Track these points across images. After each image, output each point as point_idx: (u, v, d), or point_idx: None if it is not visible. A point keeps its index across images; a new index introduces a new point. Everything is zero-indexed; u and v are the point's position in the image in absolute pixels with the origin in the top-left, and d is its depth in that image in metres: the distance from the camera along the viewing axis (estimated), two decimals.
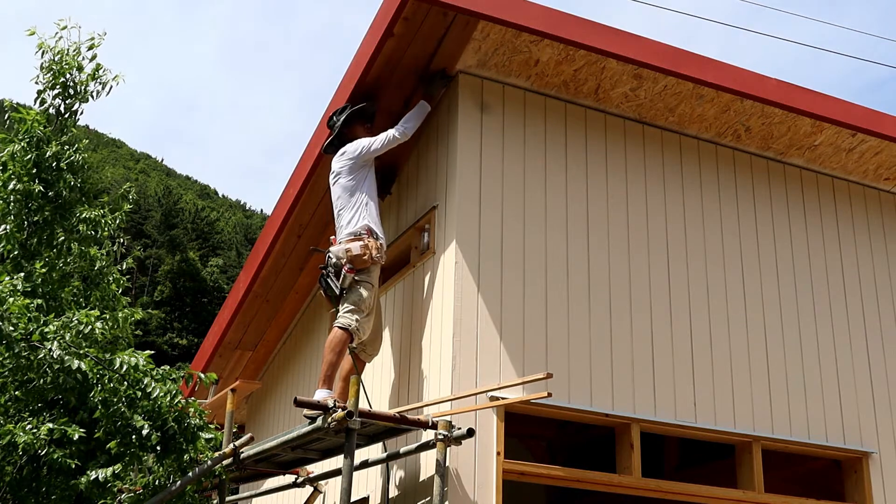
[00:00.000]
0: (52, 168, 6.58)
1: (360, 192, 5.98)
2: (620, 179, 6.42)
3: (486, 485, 5.28)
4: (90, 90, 6.95)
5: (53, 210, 6.56)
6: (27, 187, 6.44)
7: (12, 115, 6.66)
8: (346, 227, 5.89)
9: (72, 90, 6.89)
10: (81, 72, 6.90)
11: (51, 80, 6.85)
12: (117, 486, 5.58)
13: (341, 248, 5.76)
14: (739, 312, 6.49)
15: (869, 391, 6.78)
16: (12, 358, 5.12)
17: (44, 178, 6.55)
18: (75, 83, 6.89)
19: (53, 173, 6.59)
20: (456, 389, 5.38)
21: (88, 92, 6.95)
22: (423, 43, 5.93)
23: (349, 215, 5.92)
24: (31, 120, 6.56)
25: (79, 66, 6.88)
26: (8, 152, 6.52)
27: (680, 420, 6.00)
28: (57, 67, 6.83)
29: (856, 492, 6.53)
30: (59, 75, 6.82)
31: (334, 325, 5.66)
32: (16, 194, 6.43)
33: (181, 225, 65.02)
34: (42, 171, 6.55)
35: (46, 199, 6.55)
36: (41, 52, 6.85)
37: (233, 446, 5.80)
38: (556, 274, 5.94)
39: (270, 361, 9.49)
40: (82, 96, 6.93)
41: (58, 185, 6.60)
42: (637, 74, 6.19)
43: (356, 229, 5.84)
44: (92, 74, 6.92)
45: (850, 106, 6.73)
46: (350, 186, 5.98)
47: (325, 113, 6.69)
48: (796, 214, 7.03)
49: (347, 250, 5.72)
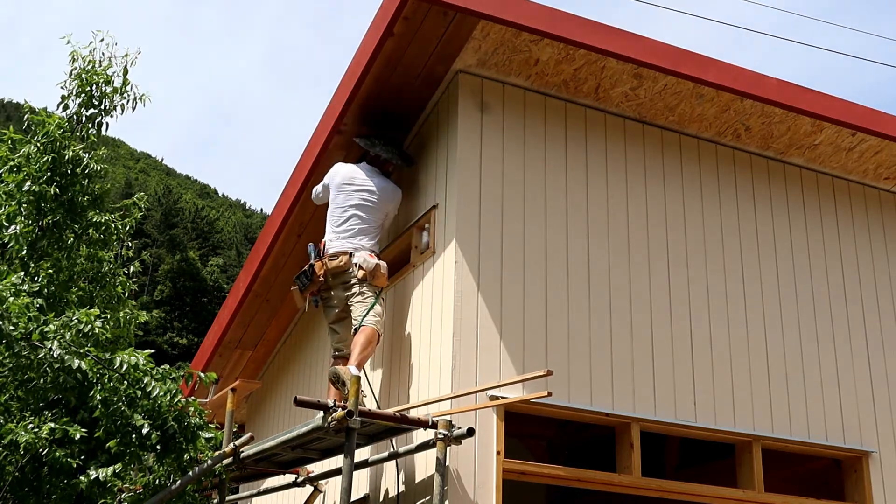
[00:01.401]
0: (67, 173, 6.63)
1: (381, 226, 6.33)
2: (620, 179, 6.42)
3: (486, 484, 5.28)
4: (115, 104, 7.04)
5: (65, 213, 6.60)
6: (42, 189, 6.48)
7: (31, 116, 6.71)
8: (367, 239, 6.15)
9: (96, 101, 6.97)
10: (109, 84, 6.98)
11: (77, 88, 6.93)
12: (117, 486, 5.58)
13: (373, 262, 6.00)
14: (739, 312, 6.49)
15: (869, 391, 6.78)
16: (12, 357, 5.13)
17: (59, 181, 6.60)
18: (101, 95, 6.97)
19: (68, 177, 6.64)
20: (456, 389, 5.38)
21: (114, 105, 7.03)
22: (424, 43, 5.93)
23: (372, 236, 6.19)
24: (53, 124, 6.62)
25: (107, 80, 6.96)
26: (23, 154, 6.57)
27: (680, 420, 6.00)
28: (86, 77, 6.91)
29: (856, 491, 6.53)
30: (87, 84, 6.90)
31: (365, 324, 5.77)
32: (29, 195, 6.48)
33: (181, 224, 65.03)
34: (57, 175, 6.60)
35: (59, 201, 6.60)
36: (72, 59, 6.95)
37: (233, 446, 5.80)
38: (556, 273, 5.94)
39: (270, 361, 9.49)
40: (106, 109, 7.01)
41: (72, 188, 6.65)
42: (637, 74, 6.19)
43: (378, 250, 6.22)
44: (117, 89, 7.01)
45: (850, 105, 6.73)
46: (379, 216, 6.27)
47: (326, 114, 6.69)
48: (796, 214, 7.03)
49: (378, 266, 5.99)
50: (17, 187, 6.53)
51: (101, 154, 6.92)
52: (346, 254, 6.05)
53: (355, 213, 6.18)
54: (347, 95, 6.24)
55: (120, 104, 7.07)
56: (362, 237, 6.14)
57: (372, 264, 5.97)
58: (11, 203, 6.53)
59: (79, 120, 6.98)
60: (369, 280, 5.95)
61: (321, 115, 6.81)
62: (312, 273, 6.15)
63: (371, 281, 5.95)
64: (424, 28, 5.82)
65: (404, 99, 6.38)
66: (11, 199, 6.53)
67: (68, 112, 6.95)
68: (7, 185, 6.59)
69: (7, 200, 6.55)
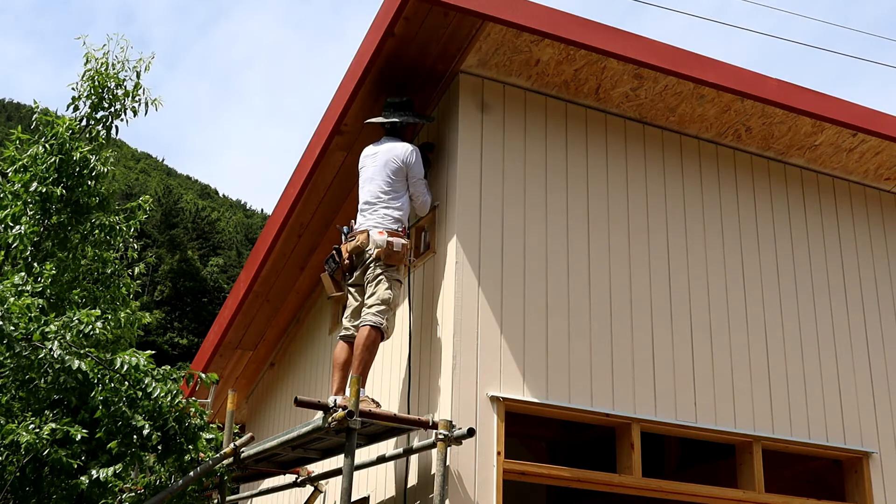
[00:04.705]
0: (74, 174, 6.64)
1: (405, 192, 5.95)
2: (621, 179, 6.42)
3: (486, 485, 5.29)
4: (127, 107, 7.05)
5: (71, 213, 6.62)
6: (48, 190, 6.49)
7: (39, 117, 6.73)
8: (386, 216, 5.81)
9: (106, 103, 6.99)
10: (120, 87, 6.99)
11: (88, 90, 6.94)
12: (118, 486, 5.58)
13: (384, 239, 5.66)
14: (740, 312, 6.49)
15: (869, 391, 6.78)
16: (13, 358, 5.13)
17: (65, 182, 6.61)
18: (112, 97, 6.98)
19: (75, 178, 6.65)
20: (456, 389, 5.39)
21: (125, 108, 7.05)
22: (424, 43, 5.93)
23: (393, 205, 5.84)
24: (63, 125, 6.64)
25: (118, 83, 6.98)
26: (30, 154, 6.58)
27: (680, 420, 6.00)
28: (98, 79, 6.92)
29: (856, 492, 6.53)
30: (98, 87, 6.92)
31: (365, 324, 5.56)
32: (35, 196, 6.49)
33: (181, 225, 65.01)
34: (64, 176, 6.61)
35: (65, 202, 6.61)
36: (86, 60, 6.99)
37: (233, 446, 5.81)
38: (557, 273, 5.94)
39: (271, 360, 9.50)
40: (116, 112, 7.03)
41: (78, 190, 6.66)
42: (638, 74, 6.20)
43: (401, 226, 5.82)
44: (128, 92, 7.02)
45: (850, 106, 6.74)
46: (398, 181, 5.90)
47: (327, 114, 6.69)
48: (797, 214, 7.03)
49: (389, 244, 5.64)
50: (23, 187, 6.55)
51: (106, 156, 6.94)
52: (365, 232, 5.79)
53: (369, 190, 5.93)
54: (348, 95, 6.24)
55: (132, 107, 7.09)
56: (385, 212, 5.82)
57: (383, 241, 5.63)
58: (17, 203, 6.54)
59: (88, 122, 7.01)
60: (383, 259, 5.65)
61: (322, 115, 6.83)
62: (340, 256, 5.93)
63: (385, 260, 5.64)
64: (425, 28, 5.83)
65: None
66: (17, 199, 6.54)
67: (78, 113, 6.97)
68: (13, 186, 6.61)
69: (13, 200, 6.56)
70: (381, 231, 5.73)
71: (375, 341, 5.55)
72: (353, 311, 5.87)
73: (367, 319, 5.58)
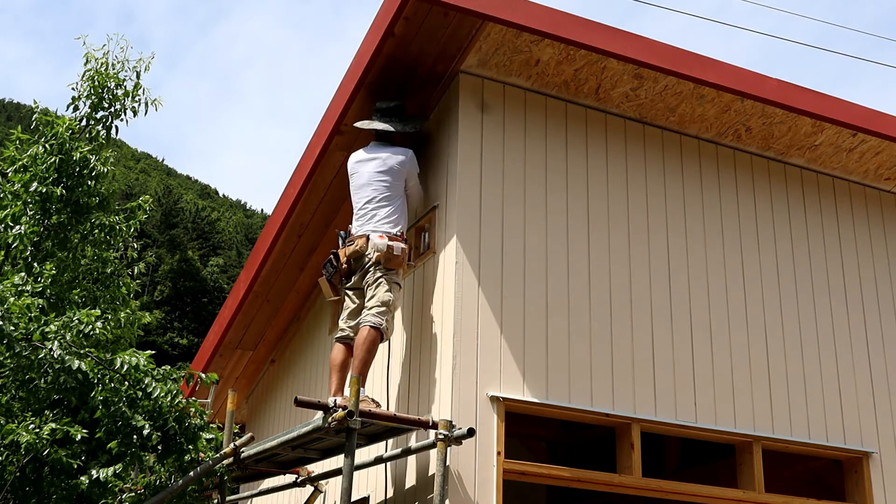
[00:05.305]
0: (74, 174, 6.64)
1: (402, 196, 6.01)
2: (621, 179, 6.42)
3: (486, 485, 5.29)
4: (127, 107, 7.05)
5: (71, 213, 6.62)
6: (48, 190, 6.49)
7: (39, 117, 6.73)
8: (385, 220, 5.88)
9: (106, 103, 6.99)
10: (120, 87, 7.00)
11: (88, 90, 6.95)
12: (118, 486, 5.59)
13: (383, 243, 5.73)
14: (740, 312, 6.49)
15: (869, 391, 6.78)
16: (13, 358, 5.13)
17: (65, 182, 6.62)
18: (111, 98, 6.99)
19: (75, 178, 6.65)
20: (456, 389, 5.39)
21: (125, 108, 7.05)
22: (424, 43, 5.93)
23: (391, 210, 5.91)
24: (63, 125, 6.64)
25: (118, 83, 6.98)
26: (30, 154, 6.58)
27: (680, 420, 6.00)
28: (98, 79, 6.92)
29: (856, 492, 6.53)
30: (98, 87, 6.92)
31: (365, 324, 5.59)
32: (35, 196, 6.50)
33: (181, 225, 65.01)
34: (64, 176, 6.61)
35: (65, 202, 6.61)
36: (86, 61, 7.00)
37: (233, 446, 5.81)
38: (557, 273, 5.94)
39: (272, 357, 9.50)
40: (116, 112, 7.03)
41: (78, 189, 6.66)
42: (637, 74, 6.20)
43: (399, 230, 5.89)
44: (128, 92, 7.02)
45: (850, 106, 6.74)
46: (396, 186, 5.97)
47: (327, 114, 6.70)
48: (797, 214, 7.03)
49: (390, 247, 5.72)
50: (23, 187, 6.55)
51: (106, 156, 6.95)
52: (364, 237, 5.86)
53: (365, 195, 5.98)
54: (348, 96, 6.25)
55: (132, 107, 7.10)
56: (383, 217, 5.88)
57: (383, 245, 5.72)
58: (17, 203, 6.55)
59: (88, 122, 7.01)
60: (383, 263, 5.73)
61: (322, 115, 6.83)
62: (338, 260, 5.98)
63: (385, 264, 5.72)
64: (425, 28, 5.83)
65: (405, 99, 6.38)
66: (17, 199, 6.55)
67: (78, 113, 6.97)
68: (13, 186, 6.61)
69: (13, 200, 6.57)
70: (381, 235, 5.80)
71: (375, 341, 5.57)
72: (351, 313, 5.91)
73: (366, 320, 5.62)
